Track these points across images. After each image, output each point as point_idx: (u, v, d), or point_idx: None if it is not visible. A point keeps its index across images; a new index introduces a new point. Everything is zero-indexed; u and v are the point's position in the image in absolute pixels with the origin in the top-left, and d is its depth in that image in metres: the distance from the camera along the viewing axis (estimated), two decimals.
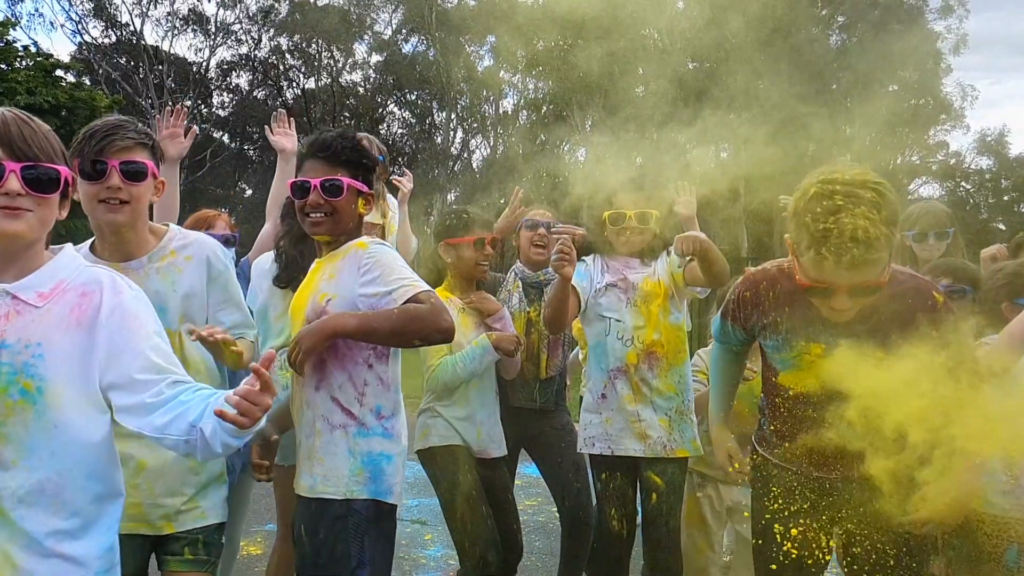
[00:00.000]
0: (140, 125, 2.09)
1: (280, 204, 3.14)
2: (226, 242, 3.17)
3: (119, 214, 2.00)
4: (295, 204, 2.16)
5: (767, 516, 2.21)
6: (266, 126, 3.38)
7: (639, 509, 2.93)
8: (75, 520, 1.46)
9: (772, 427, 2.24)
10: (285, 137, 3.24)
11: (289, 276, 2.71)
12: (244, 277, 3.14)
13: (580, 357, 3.63)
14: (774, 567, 2.15)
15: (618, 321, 2.88)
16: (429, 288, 2.06)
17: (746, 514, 2.54)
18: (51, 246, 1.59)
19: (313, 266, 2.24)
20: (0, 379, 1.42)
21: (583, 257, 2.97)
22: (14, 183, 1.41)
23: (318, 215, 2.09)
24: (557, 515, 3.48)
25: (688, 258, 2.79)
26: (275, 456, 2.36)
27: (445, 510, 2.86)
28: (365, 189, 2.15)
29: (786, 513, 2.17)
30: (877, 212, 1.79)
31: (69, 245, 1.62)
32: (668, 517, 2.82)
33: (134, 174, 1.98)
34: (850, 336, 1.96)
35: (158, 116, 3.11)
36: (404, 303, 1.96)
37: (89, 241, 2.13)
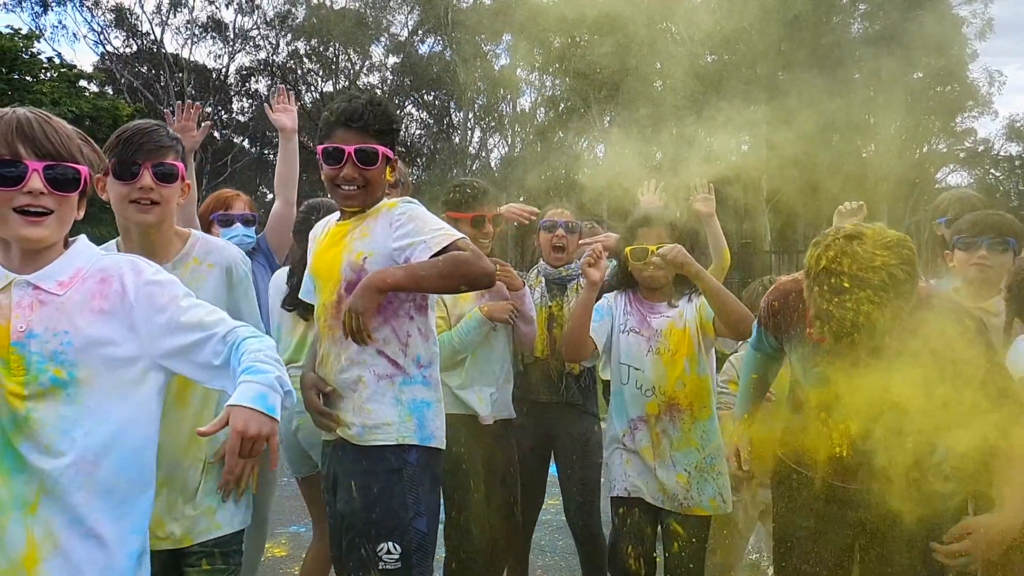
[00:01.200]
0: (170, 129, 2.14)
1: (287, 183, 3.19)
2: (247, 222, 3.22)
3: (149, 214, 2.03)
4: (324, 172, 2.14)
5: (788, 526, 2.21)
6: (265, 104, 3.37)
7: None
8: (110, 500, 1.50)
9: (796, 434, 2.21)
10: (285, 114, 3.22)
11: (296, 300, 2.71)
12: (262, 251, 3.25)
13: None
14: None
15: (637, 370, 2.72)
16: (463, 235, 2.08)
17: None
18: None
19: (333, 226, 2.24)
20: (31, 368, 1.45)
21: (606, 294, 2.88)
22: (37, 182, 1.42)
23: (351, 188, 2.11)
24: None
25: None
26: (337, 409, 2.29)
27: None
28: (392, 155, 2.17)
29: (804, 527, 2.15)
30: (885, 292, 1.75)
31: (83, 236, 1.62)
32: (690, 562, 2.69)
33: (165, 175, 2.03)
34: (876, 354, 1.91)
35: (167, 111, 3.15)
36: (441, 250, 1.98)
37: (113, 242, 2.17)
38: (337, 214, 2.30)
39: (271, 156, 32.63)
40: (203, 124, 3.15)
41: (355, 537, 2.05)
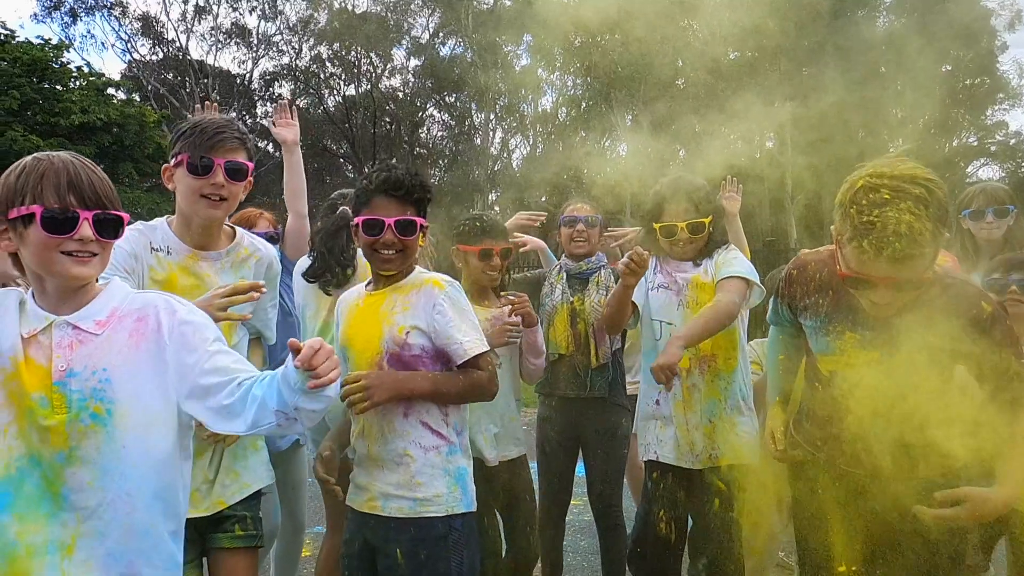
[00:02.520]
0: (241, 126, 2.25)
1: (297, 195, 3.27)
2: (270, 239, 3.27)
3: (218, 209, 2.15)
4: (363, 239, 2.21)
5: (800, 503, 2.26)
6: (266, 121, 3.50)
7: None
8: (146, 539, 1.55)
9: (809, 410, 2.25)
10: (287, 129, 3.28)
11: (317, 271, 2.90)
12: (284, 269, 3.27)
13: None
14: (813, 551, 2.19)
15: (669, 324, 2.82)
16: (488, 347, 2.22)
17: None
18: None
19: (365, 295, 2.30)
20: (72, 406, 1.50)
21: None
22: (87, 230, 1.50)
23: (390, 252, 2.18)
24: None
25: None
26: (336, 471, 2.36)
27: None
28: (425, 224, 2.26)
29: (815, 503, 2.18)
30: (924, 208, 1.77)
31: (116, 278, 1.69)
32: (731, 524, 2.72)
33: (237, 172, 2.13)
34: (886, 330, 1.94)
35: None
36: (467, 360, 2.14)
37: (163, 219, 2.26)
38: (361, 286, 2.37)
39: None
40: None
41: None
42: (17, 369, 1.50)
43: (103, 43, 32.75)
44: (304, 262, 3.10)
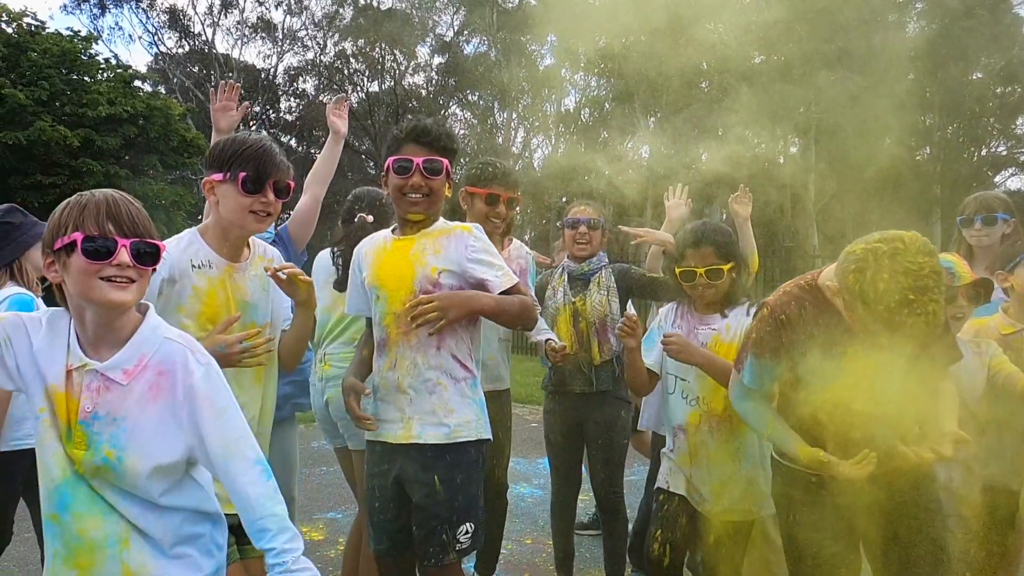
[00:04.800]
0: (280, 147, 2.34)
1: (322, 180, 3.30)
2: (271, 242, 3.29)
3: (264, 224, 2.25)
4: (393, 181, 2.34)
5: (793, 524, 2.33)
6: (326, 102, 3.52)
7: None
8: (187, 541, 1.70)
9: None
10: (341, 120, 3.35)
11: (347, 279, 2.90)
12: (283, 242, 3.36)
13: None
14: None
15: (682, 380, 2.79)
16: (517, 278, 2.39)
17: None
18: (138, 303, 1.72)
19: (392, 240, 2.41)
20: (92, 444, 1.62)
21: (661, 309, 3.01)
22: (125, 256, 1.59)
23: (417, 195, 2.32)
24: None
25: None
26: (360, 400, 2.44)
27: None
28: (451, 172, 2.41)
29: (809, 522, 2.26)
30: (940, 292, 1.93)
31: (152, 311, 1.74)
32: (725, 562, 2.71)
33: (284, 190, 2.26)
34: (874, 342, 2.07)
35: (212, 90, 3.27)
36: (505, 290, 2.31)
37: (193, 233, 2.29)
38: (387, 232, 2.46)
39: (317, 155, 33.07)
40: (242, 104, 3.25)
41: (437, 525, 2.25)
42: (61, 396, 1.63)
43: (130, 35, 33.20)
44: (324, 258, 3.19)
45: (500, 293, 2.30)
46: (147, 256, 1.63)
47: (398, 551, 2.40)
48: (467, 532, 2.27)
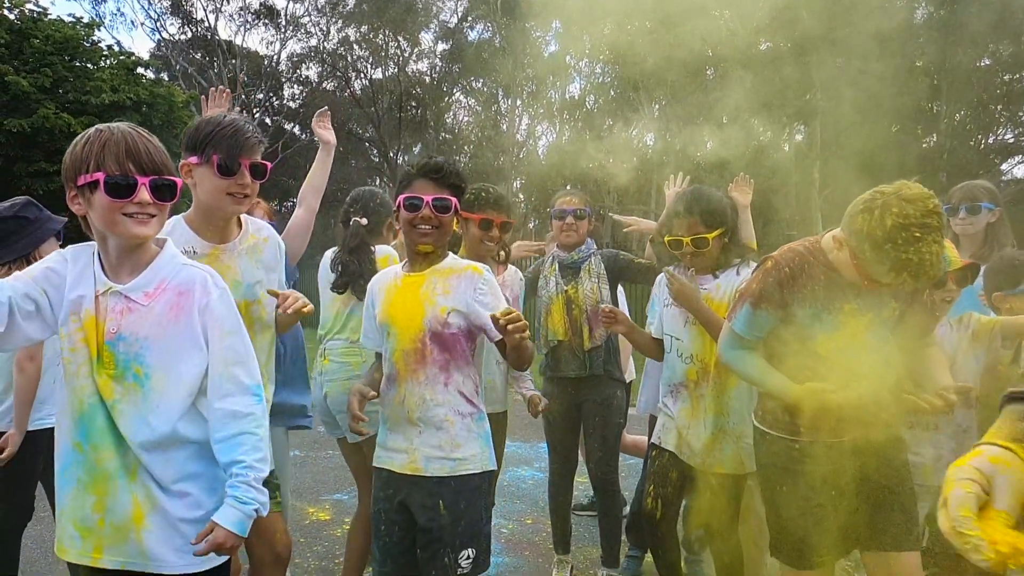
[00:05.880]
0: (254, 125, 2.34)
1: (316, 192, 3.36)
2: None
3: (242, 205, 2.27)
4: (403, 216, 2.40)
5: (776, 494, 2.39)
6: (312, 121, 3.54)
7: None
8: (190, 479, 1.76)
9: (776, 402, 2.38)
10: (327, 131, 3.42)
11: (344, 282, 3.18)
12: None
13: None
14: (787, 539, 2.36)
15: (677, 340, 2.98)
16: None
17: None
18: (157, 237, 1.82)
19: (403, 275, 2.47)
20: (119, 365, 1.72)
21: (661, 271, 3.12)
22: (145, 195, 1.69)
23: (427, 228, 2.38)
24: None
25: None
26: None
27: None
28: (459, 210, 2.49)
29: (792, 491, 2.33)
30: (941, 234, 2.03)
31: (170, 243, 1.85)
32: (719, 516, 2.86)
33: (259, 171, 2.27)
34: (876, 299, 2.21)
35: (203, 96, 3.29)
36: None
37: (181, 216, 2.34)
38: (398, 268, 2.53)
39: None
40: (232, 109, 3.30)
41: (440, 548, 2.32)
42: (91, 319, 1.73)
43: (132, 21, 33.08)
44: (326, 261, 3.32)
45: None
46: (166, 190, 1.72)
47: (401, 574, 2.45)
48: (468, 557, 2.34)
